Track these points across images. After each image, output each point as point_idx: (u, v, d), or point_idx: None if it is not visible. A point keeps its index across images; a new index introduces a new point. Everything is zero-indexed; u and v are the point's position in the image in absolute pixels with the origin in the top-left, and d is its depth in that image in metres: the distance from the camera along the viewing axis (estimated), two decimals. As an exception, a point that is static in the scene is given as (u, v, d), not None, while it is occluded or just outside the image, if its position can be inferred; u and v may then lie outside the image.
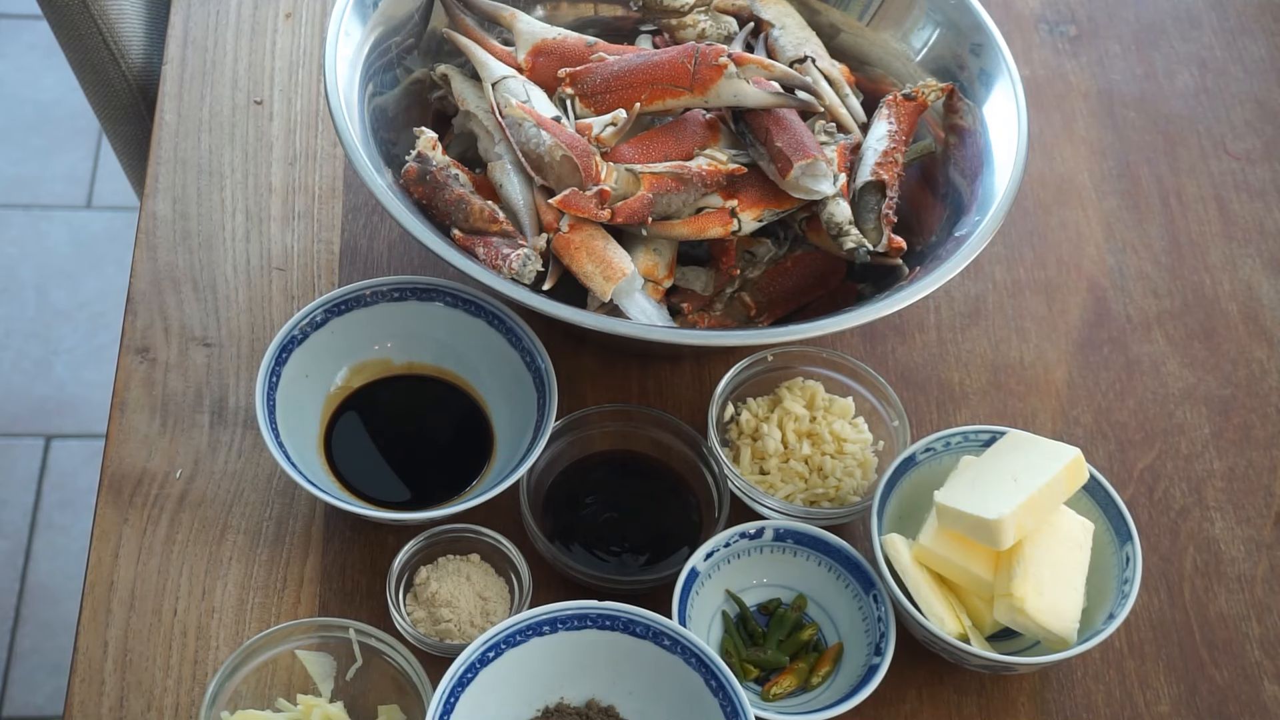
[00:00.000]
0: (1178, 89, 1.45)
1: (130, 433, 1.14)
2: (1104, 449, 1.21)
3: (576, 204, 1.09)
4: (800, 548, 1.09)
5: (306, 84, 1.34)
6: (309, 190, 1.28)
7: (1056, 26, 1.48)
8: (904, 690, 1.07)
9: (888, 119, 1.20)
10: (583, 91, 1.16)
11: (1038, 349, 1.27)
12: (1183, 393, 1.25)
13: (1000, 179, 1.16)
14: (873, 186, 1.16)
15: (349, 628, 1.01)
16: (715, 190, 1.13)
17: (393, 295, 1.15)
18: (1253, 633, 1.13)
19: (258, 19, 1.38)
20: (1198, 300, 1.31)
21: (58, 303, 2.20)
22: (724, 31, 1.25)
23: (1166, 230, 1.35)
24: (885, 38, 1.28)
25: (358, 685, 1.02)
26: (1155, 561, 1.16)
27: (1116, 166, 1.39)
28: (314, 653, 1.02)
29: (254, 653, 1.00)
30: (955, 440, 1.11)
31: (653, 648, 1.01)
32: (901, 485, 1.10)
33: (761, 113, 1.14)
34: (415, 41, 1.24)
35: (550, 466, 1.12)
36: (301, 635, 1.01)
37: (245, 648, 0.99)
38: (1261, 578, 1.16)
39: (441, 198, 1.12)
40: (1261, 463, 1.22)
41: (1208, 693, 1.10)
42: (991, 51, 1.23)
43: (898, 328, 1.26)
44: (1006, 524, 1.01)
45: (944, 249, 1.14)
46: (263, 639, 1.00)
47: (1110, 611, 1.05)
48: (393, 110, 1.21)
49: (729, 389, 1.15)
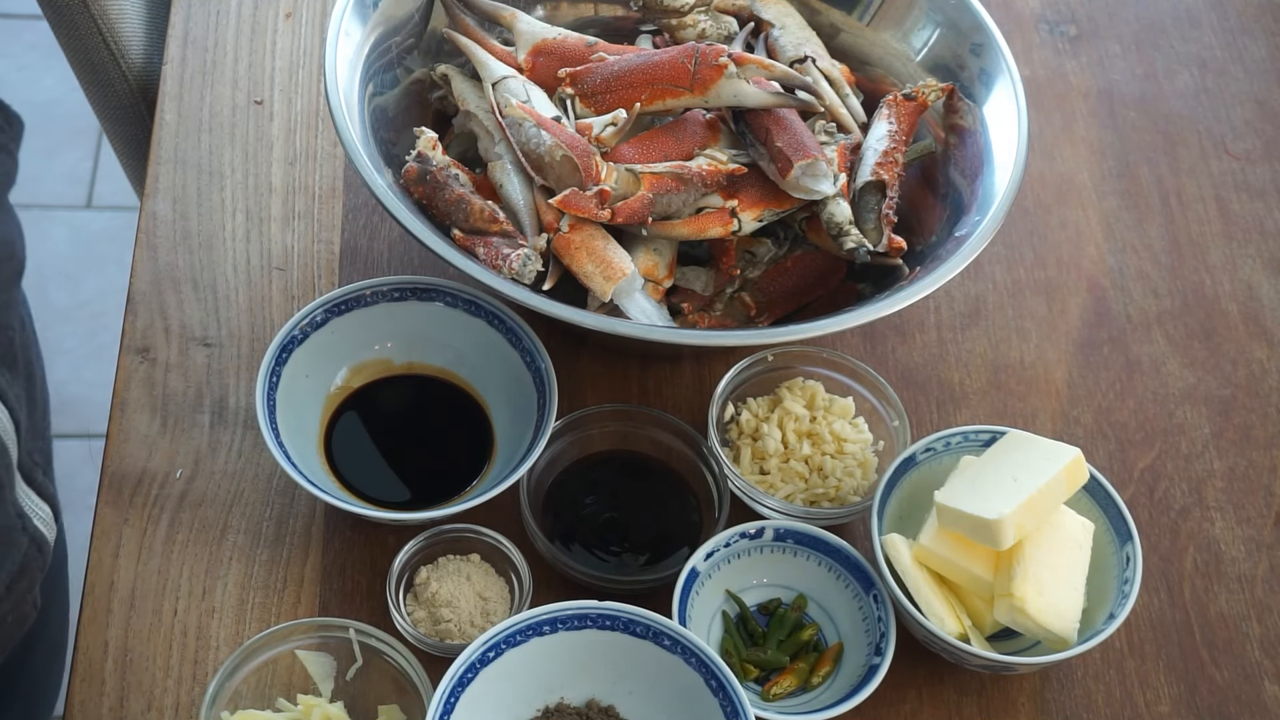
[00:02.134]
0: (1178, 89, 1.45)
1: (130, 433, 1.14)
2: (1104, 449, 1.21)
3: (576, 204, 1.09)
4: (800, 548, 1.09)
5: (307, 84, 1.34)
6: (309, 190, 1.28)
7: (1057, 26, 1.48)
8: (904, 690, 1.07)
9: (888, 119, 1.19)
10: (583, 91, 1.16)
11: (1038, 349, 1.27)
12: (1183, 393, 1.25)
13: (1000, 179, 1.16)
14: (873, 186, 1.16)
15: (349, 627, 1.01)
16: (715, 190, 1.13)
17: (393, 295, 1.15)
18: (1253, 633, 1.13)
19: (258, 19, 1.38)
20: (1198, 300, 1.31)
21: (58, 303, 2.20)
22: (724, 31, 1.25)
23: (1167, 230, 1.35)
24: (885, 38, 1.28)
25: (358, 685, 1.02)
26: (1155, 561, 1.16)
27: (1117, 166, 1.39)
28: (314, 653, 1.02)
29: (254, 652, 1.00)
30: (955, 440, 1.11)
31: (653, 648, 1.01)
32: (901, 485, 1.10)
33: (762, 113, 1.14)
34: (415, 41, 1.24)
35: (550, 466, 1.11)
36: (302, 635, 1.01)
37: (245, 647, 0.99)
38: (1262, 578, 1.16)
39: (441, 198, 1.12)
40: (1262, 463, 1.22)
41: (1208, 693, 1.10)
42: (992, 51, 1.23)
43: (898, 328, 1.26)
44: (1006, 524, 1.01)
45: (944, 249, 1.14)
46: (263, 639, 1.00)
47: (1110, 611, 1.05)
48: (393, 110, 1.20)
49: (729, 389, 1.15)
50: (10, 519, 0.99)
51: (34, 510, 1.05)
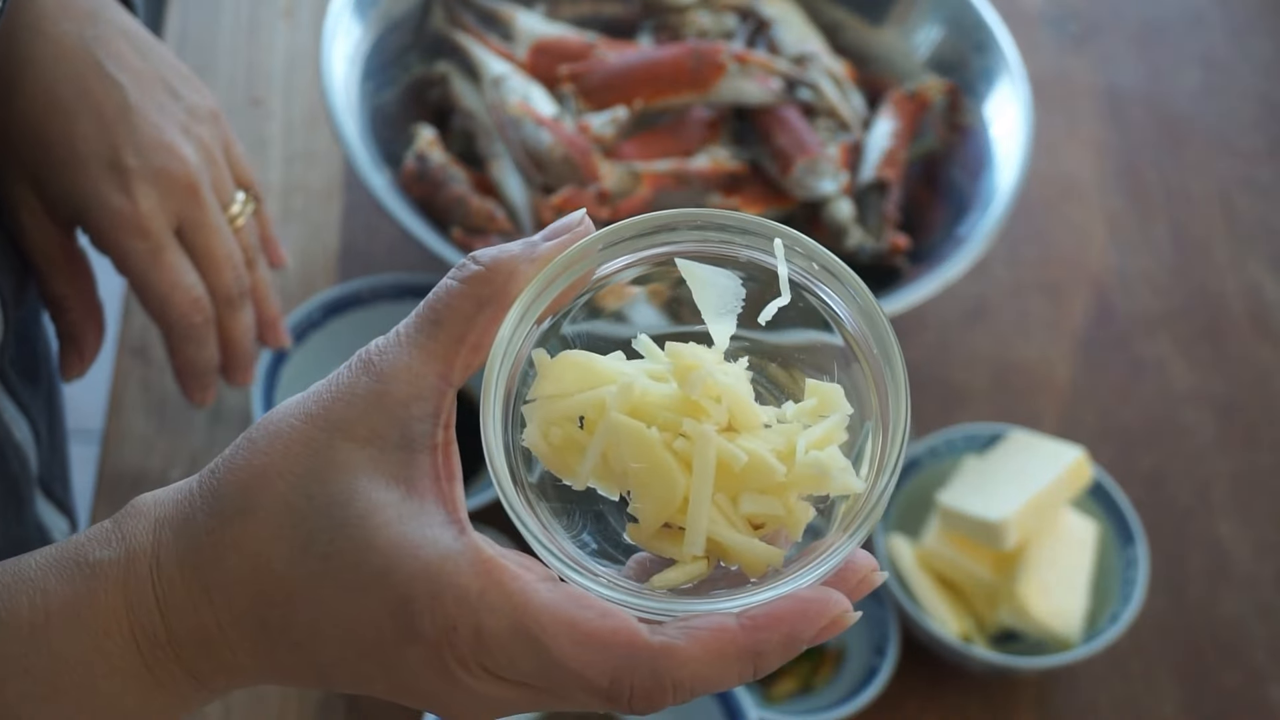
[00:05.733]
0: (1183, 87, 1.44)
1: (127, 433, 1.13)
2: (1108, 450, 1.20)
3: (576, 203, 1.08)
4: (802, 549, 1.09)
5: (305, 83, 1.33)
6: (308, 189, 1.27)
7: (1060, 24, 1.47)
8: (906, 693, 1.07)
9: (890, 117, 1.19)
10: (583, 89, 1.15)
11: (1041, 348, 1.26)
12: (1188, 393, 1.25)
13: (1003, 177, 1.15)
14: (875, 185, 1.15)
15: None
16: (716, 189, 1.12)
17: (392, 295, 1.14)
18: (1259, 636, 1.12)
19: (256, 17, 1.37)
20: (1203, 300, 1.30)
21: (58, 302, 2.19)
22: (726, 29, 1.25)
23: (1171, 229, 1.34)
24: (888, 35, 1.28)
25: None
26: (1160, 563, 1.15)
27: (1121, 165, 1.38)
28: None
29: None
30: (958, 440, 1.11)
31: (653, 650, 1.00)
32: (904, 486, 1.09)
33: (763, 111, 1.13)
34: (414, 39, 1.23)
35: (550, 467, 1.11)
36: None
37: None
38: (1268, 580, 1.15)
39: (441, 196, 1.12)
40: (1268, 464, 1.21)
41: (1213, 696, 1.09)
42: (995, 49, 1.22)
43: (900, 327, 1.25)
44: (1009, 525, 1.01)
45: (946, 248, 1.13)
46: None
47: (1114, 613, 1.04)
48: (392, 109, 1.20)
49: (730, 389, 1.14)
50: (31, 532, 0.98)
51: (53, 524, 1.04)
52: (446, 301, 0.51)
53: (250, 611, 0.51)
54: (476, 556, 0.48)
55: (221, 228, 0.86)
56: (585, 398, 0.51)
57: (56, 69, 0.80)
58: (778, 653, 0.47)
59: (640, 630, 0.48)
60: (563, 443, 0.51)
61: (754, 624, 0.47)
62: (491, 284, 0.51)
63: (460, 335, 0.51)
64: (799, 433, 0.51)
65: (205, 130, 0.87)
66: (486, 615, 0.47)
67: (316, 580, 0.49)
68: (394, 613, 0.48)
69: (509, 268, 0.51)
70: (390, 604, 0.48)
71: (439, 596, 0.47)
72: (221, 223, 0.86)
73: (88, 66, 0.81)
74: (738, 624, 0.47)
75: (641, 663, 0.47)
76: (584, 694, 0.47)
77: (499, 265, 0.51)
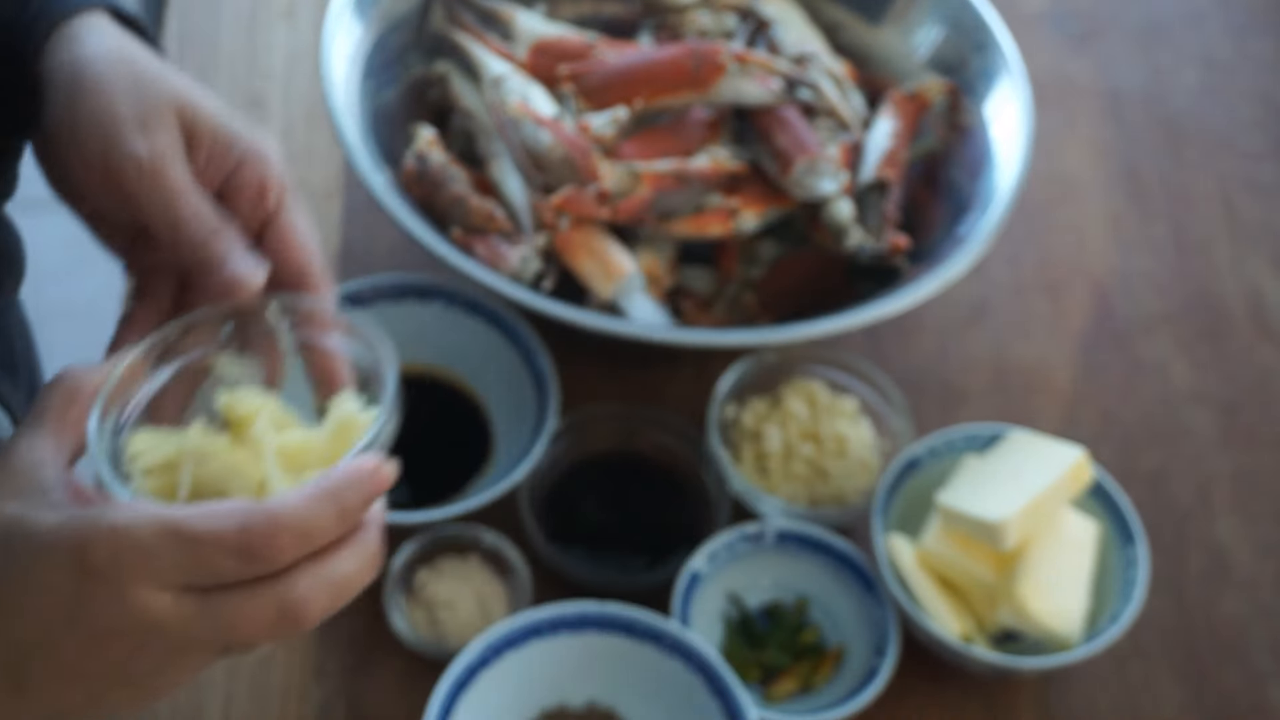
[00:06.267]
0: (1184, 87, 1.44)
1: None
2: (1108, 450, 1.20)
3: (576, 203, 1.08)
4: (802, 549, 1.09)
5: (305, 82, 1.33)
6: (308, 189, 1.27)
7: (1061, 24, 1.47)
8: (906, 693, 1.07)
9: (890, 117, 1.19)
10: (583, 89, 1.15)
11: (1041, 349, 1.26)
12: (1188, 393, 1.25)
13: (1003, 178, 1.15)
14: (875, 185, 1.15)
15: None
16: (717, 189, 1.12)
17: (392, 295, 1.14)
18: (1260, 636, 1.12)
19: (255, 16, 1.37)
20: (1204, 300, 1.30)
21: (56, 302, 2.20)
22: (726, 29, 1.25)
23: (1172, 229, 1.34)
24: (888, 35, 1.28)
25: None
26: (1161, 564, 1.15)
27: (1121, 165, 1.38)
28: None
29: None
30: (958, 440, 1.11)
31: (653, 649, 1.00)
32: (904, 486, 1.09)
33: (763, 111, 1.13)
34: (415, 38, 1.23)
35: (550, 467, 1.11)
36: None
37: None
38: (1269, 581, 1.15)
39: (441, 196, 1.12)
40: (1269, 465, 1.21)
41: (1214, 697, 1.09)
42: (995, 49, 1.22)
43: (900, 327, 1.25)
44: (1009, 526, 1.01)
45: (946, 248, 1.13)
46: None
47: (1114, 614, 1.04)
48: (392, 108, 1.20)
49: (730, 389, 1.14)
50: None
51: None
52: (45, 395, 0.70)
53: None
54: (120, 509, 0.61)
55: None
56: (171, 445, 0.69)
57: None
58: (353, 489, 0.61)
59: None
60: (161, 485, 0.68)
61: (328, 477, 0.62)
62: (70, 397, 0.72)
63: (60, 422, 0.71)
64: (339, 411, 0.70)
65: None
66: (135, 529, 0.59)
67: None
68: (68, 563, 0.60)
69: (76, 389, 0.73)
70: (65, 555, 0.60)
71: (100, 537, 0.60)
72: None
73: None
74: (320, 481, 0.62)
75: (257, 510, 0.59)
76: (222, 556, 0.58)
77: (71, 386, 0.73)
